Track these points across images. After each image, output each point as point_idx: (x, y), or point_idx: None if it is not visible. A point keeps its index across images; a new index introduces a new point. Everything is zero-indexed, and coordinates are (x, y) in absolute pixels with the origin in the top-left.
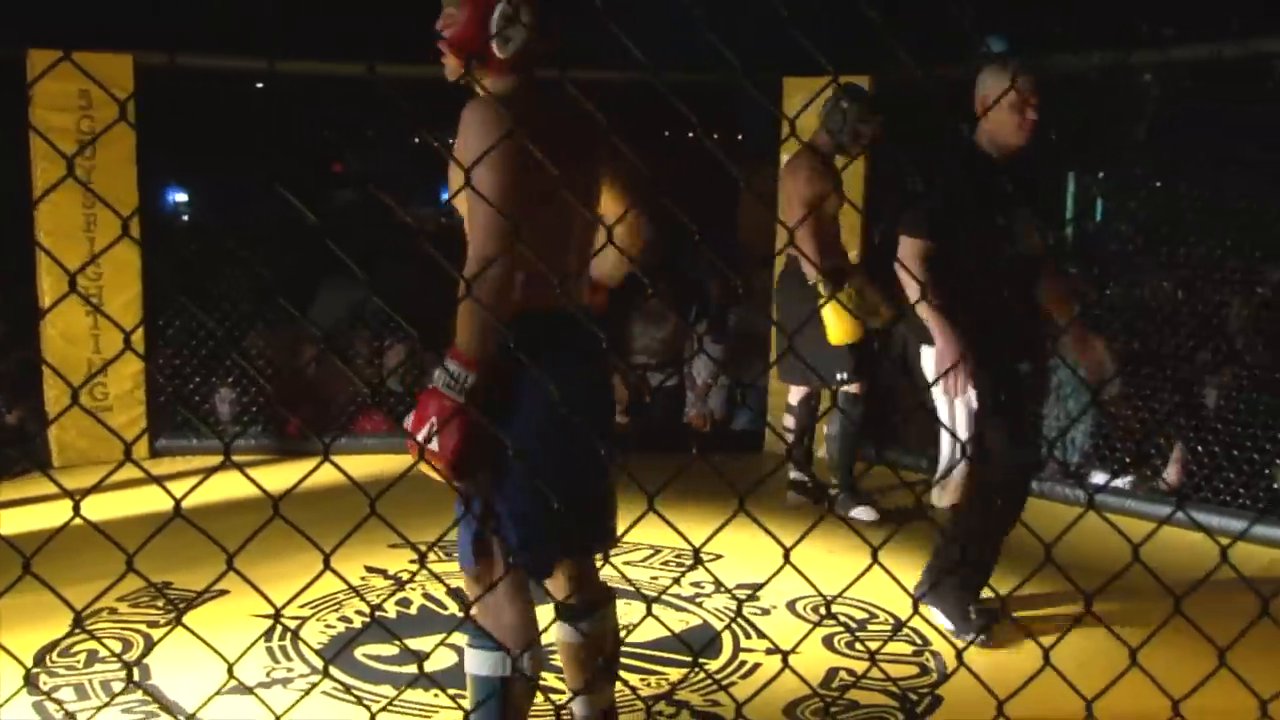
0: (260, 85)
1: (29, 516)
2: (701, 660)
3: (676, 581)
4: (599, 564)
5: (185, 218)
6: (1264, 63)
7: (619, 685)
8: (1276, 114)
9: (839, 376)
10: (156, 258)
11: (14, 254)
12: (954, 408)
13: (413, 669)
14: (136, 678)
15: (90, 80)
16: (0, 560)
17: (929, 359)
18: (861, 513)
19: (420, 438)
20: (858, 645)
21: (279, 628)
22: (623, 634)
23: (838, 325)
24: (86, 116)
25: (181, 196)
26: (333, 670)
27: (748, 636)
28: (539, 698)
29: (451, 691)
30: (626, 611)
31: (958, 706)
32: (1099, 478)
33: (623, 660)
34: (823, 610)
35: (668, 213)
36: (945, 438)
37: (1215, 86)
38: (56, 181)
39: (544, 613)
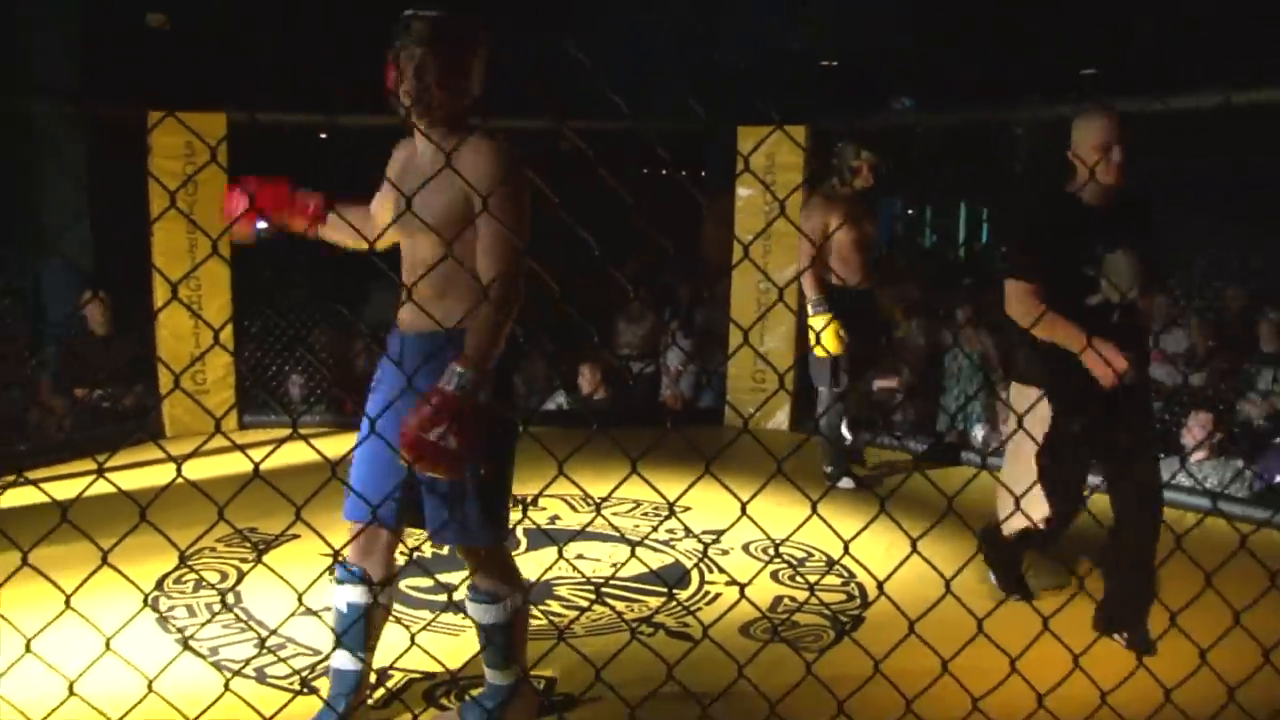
0: (323, 135)
1: (145, 476)
2: (674, 591)
3: (655, 529)
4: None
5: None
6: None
7: (606, 610)
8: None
9: (821, 388)
10: (242, 273)
11: (135, 271)
12: (1025, 446)
13: (444, 597)
14: (230, 601)
15: (191, 133)
16: (122, 510)
17: (1018, 396)
18: (844, 483)
19: (433, 437)
20: (798, 578)
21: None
22: (612, 570)
23: (828, 340)
24: (190, 163)
25: (262, 224)
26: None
27: (711, 572)
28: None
29: None
30: (614, 552)
31: (877, 626)
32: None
33: (612, 591)
34: (771, 551)
35: (649, 235)
36: (1016, 474)
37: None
38: (162, 211)
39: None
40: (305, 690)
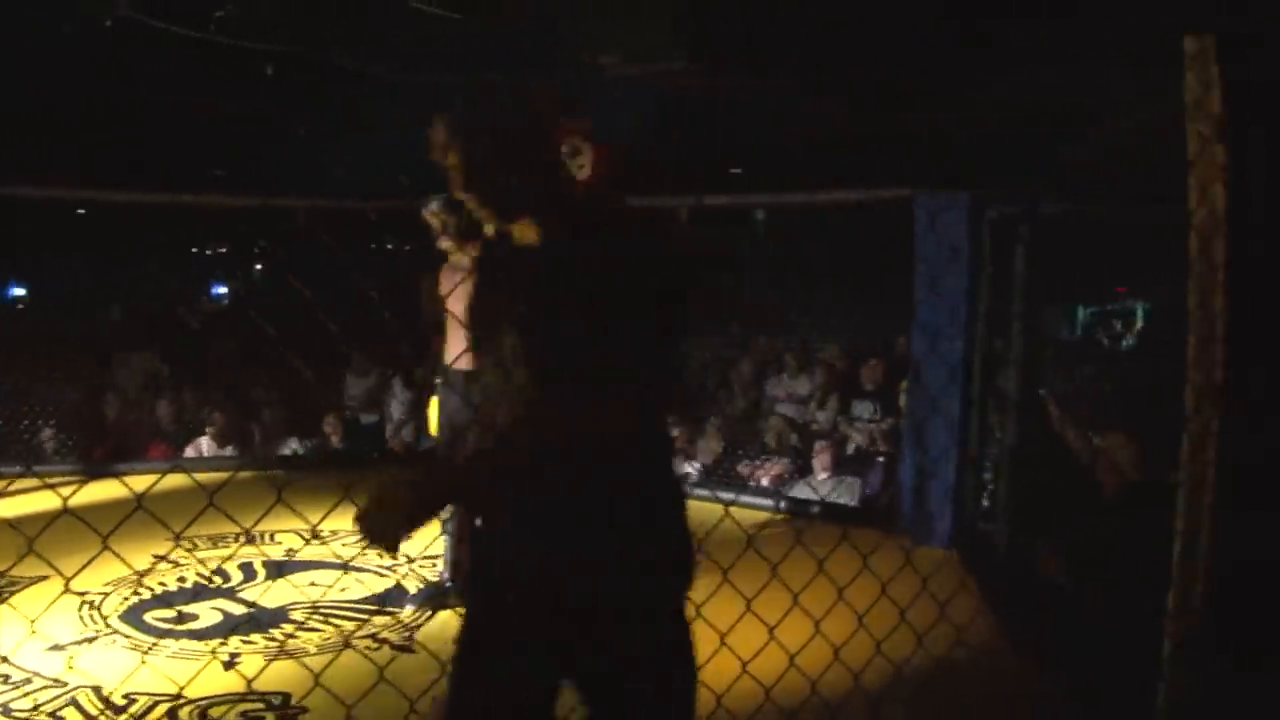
0: (81, 211)
1: None
2: (394, 610)
3: (380, 556)
4: None
5: (21, 307)
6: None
7: (333, 629)
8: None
9: None
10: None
11: None
12: None
13: (183, 625)
14: None
15: None
16: None
17: None
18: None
19: None
20: None
21: (85, 600)
22: (340, 594)
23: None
24: None
25: (20, 290)
26: (125, 628)
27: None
28: None
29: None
30: (342, 579)
31: None
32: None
33: (338, 612)
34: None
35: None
36: None
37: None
38: None
39: None
40: None
